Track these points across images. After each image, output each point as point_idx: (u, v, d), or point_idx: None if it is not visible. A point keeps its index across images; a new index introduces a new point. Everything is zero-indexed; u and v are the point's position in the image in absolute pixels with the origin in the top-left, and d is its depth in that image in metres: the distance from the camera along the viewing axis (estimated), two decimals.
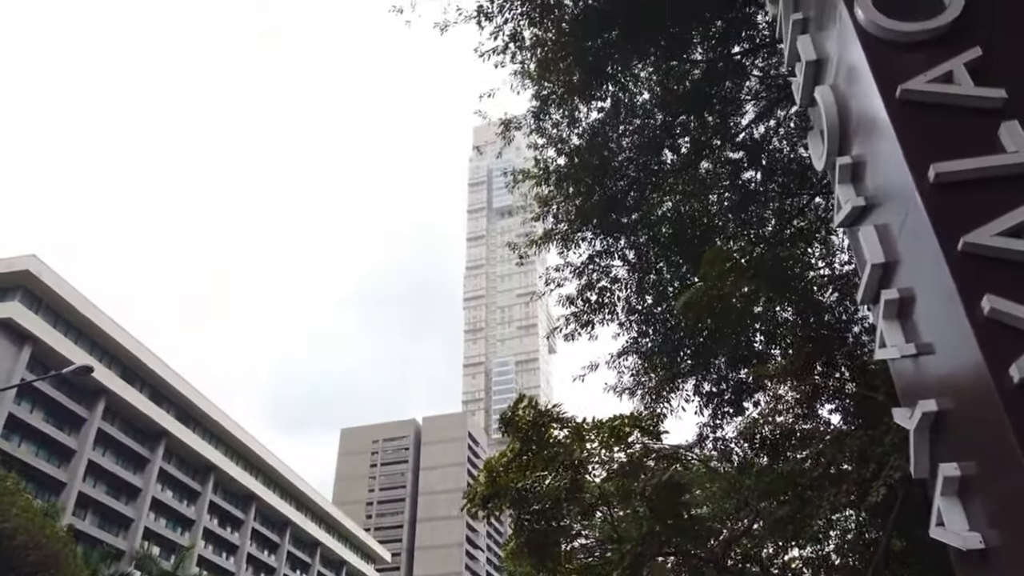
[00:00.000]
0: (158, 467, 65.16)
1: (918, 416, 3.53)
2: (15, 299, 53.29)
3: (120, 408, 61.48)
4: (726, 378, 13.08)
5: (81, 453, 57.00)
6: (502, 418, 11.92)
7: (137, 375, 63.61)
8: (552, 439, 11.53)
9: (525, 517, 11.82)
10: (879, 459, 8.62)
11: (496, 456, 12.03)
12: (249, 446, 77.70)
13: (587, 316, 13.39)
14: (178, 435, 67.08)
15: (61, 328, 56.31)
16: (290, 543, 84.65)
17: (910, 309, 3.74)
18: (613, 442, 11.50)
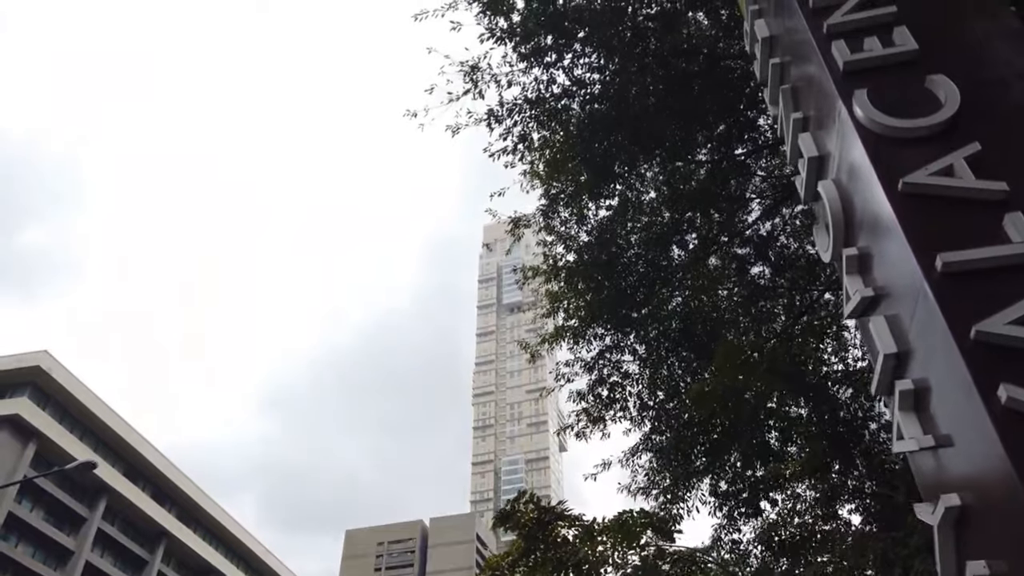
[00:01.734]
0: (156, 570, 63.17)
1: (941, 512, 3.42)
2: (24, 395, 53.25)
3: (121, 507, 60.22)
4: (741, 476, 12.76)
5: (79, 554, 55.47)
6: (500, 512, 11.60)
7: (141, 473, 62.67)
8: (560, 538, 11.17)
9: None
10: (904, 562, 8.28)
11: (499, 555, 11.62)
12: (250, 547, 75.51)
13: (598, 412, 13.26)
14: (178, 535, 65.36)
15: (67, 424, 55.99)
16: None
17: (926, 400, 3.69)
18: (625, 543, 11.11)
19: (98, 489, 57.36)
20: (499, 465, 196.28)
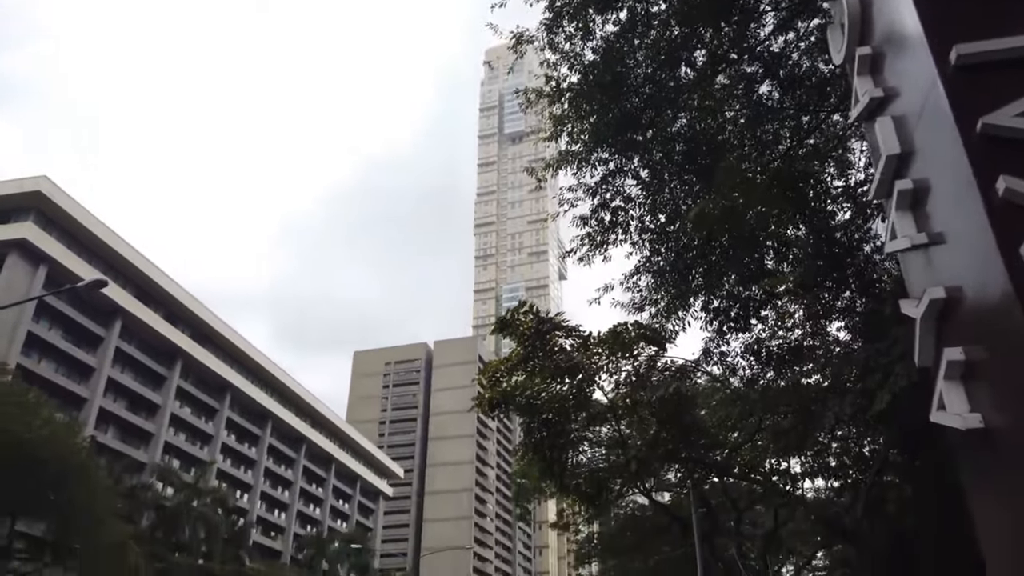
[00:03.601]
0: (175, 385, 66.73)
1: (925, 304, 3.59)
2: (28, 219, 53.61)
3: (136, 328, 62.55)
4: (735, 295, 13.15)
5: (100, 370, 58.36)
6: (500, 320, 11.98)
7: (152, 296, 64.43)
8: (557, 347, 11.67)
9: (533, 424, 12.13)
10: (885, 369, 8.75)
11: (499, 360, 12.18)
12: (264, 366, 79.26)
13: (601, 236, 13.39)
14: (194, 354, 68.42)
15: (75, 249, 56.78)
16: (306, 458, 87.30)
17: (924, 199, 3.75)
18: (619, 353, 11.65)
19: (112, 311, 59.29)
20: (500, 292, 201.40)
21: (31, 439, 23.80)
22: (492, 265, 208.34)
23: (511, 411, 12.28)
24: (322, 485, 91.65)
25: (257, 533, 71.22)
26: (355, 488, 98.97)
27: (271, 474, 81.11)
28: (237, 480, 73.38)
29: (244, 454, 77.04)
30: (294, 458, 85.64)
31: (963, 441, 3.50)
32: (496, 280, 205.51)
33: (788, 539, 20.75)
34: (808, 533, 19.96)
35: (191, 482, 56.04)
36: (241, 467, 76.19)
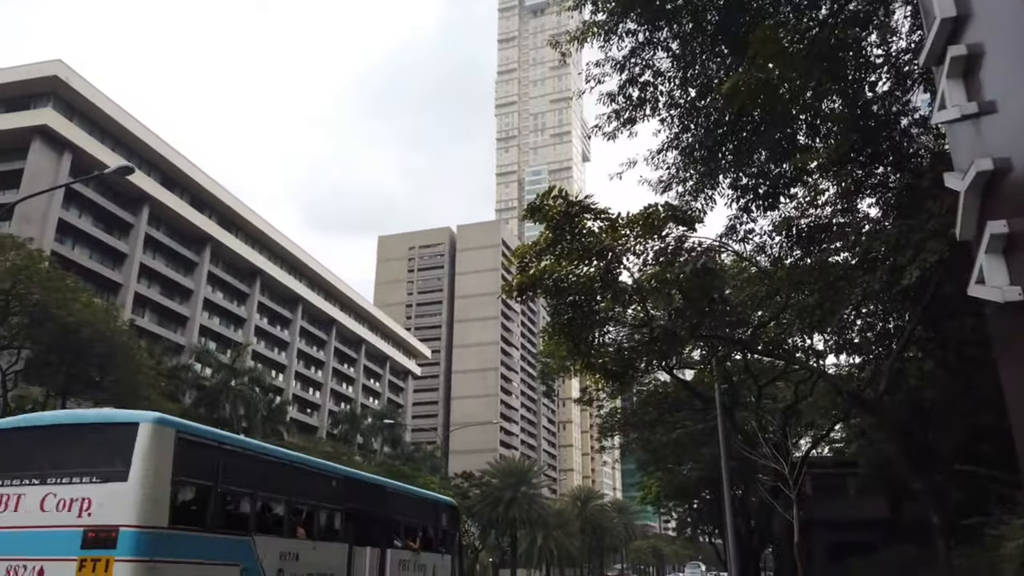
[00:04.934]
0: (206, 270, 68.06)
1: (972, 175, 3.51)
2: (47, 106, 53.22)
3: (164, 214, 63.18)
4: (765, 172, 12.89)
5: (132, 256, 59.52)
6: (530, 206, 11.92)
7: (177, 182, 64.63)
8: (586, 230, 11.64)
9: (560, 306, 12.30)
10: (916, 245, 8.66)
11: (527, 245, 12.21)
12: (292, 251, 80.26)
13: (628, 112, 13.00)
14: (222, 240, 69.31)
15: (97, 136, 56.60)
16: (337, 340, 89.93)
17: (977, 66, 3.60)
18: (647, 234, 11.61)
19: (139, 197, 59.76)
20: (522, 175, 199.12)
21: (74, 322, 24.61)
22: (514, 147, 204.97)
23: (539, 294, 12.41)
24: (353, 365, 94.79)
25: (294, 410, 74.45)
26: (385, 368, 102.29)
27: (304, 355, 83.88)
28: (272, 361, 76.05)
29: (277, 336, 79.47)
30: (325, 340, 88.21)
31: (999, 314, 3.51)
32: (518, 163, 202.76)
33: (807, 412, 21.31)
34: (828, 407, 20.46)
35: (228, 363, 58.21)
36: (275, 348, 78.78)
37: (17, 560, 8.23)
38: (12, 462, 9.21)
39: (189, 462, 9.23)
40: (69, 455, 9.09)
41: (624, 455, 39.08)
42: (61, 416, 11.11)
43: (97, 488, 8.50)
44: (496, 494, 61.07)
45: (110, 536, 8.11)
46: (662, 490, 38.98)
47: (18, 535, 8.42)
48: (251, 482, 10.48)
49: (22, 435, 9.75)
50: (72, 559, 8.07)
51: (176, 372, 51.22)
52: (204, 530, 9.31)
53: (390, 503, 14.89)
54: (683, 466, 29.14)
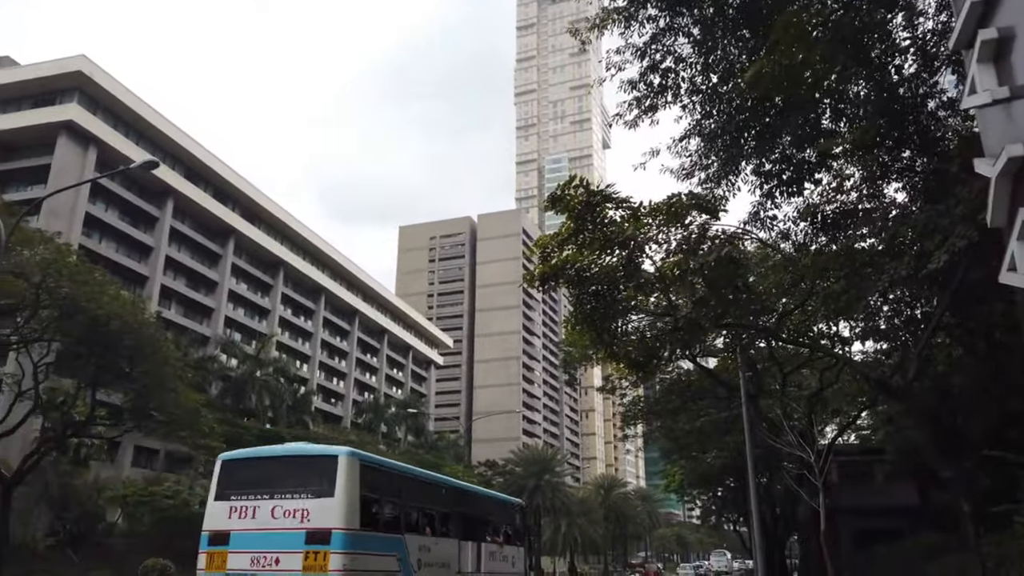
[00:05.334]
0: (230, 262, 68.76)
1: (1003, 161, 3.46)
2: (73, 101, 53.91)
3: (188, 207, 63.85)
4: (789, 158, 12.75)
5: (158, 249, 60.28)
6: (551, 196, 11.90)
7: (200, 175, 65.26)
8: (608, 219, 11.60)
9: (583, 295, 12.30)
10: (944, 230, 8.53)
11: (549, 235, 12.20)
12: (314, 242, 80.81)
13: (650, 100, 12.90)
14: (246, 232, 69.95)
15: (122, 130, 57.25)
16: (360, 330, 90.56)
17: (1008, 49, 3.54)
18: (670, 222, 11.55)
19: (163, 191, 60.46)
20: (542, 164, 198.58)
21: (103, 315, 24.97)
22: (534, 135, 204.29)
23: (562, 284, 12.39)
24: (376, 355, 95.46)
25: (318, 400, 75.22)
26: (407, 357, 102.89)
27: (327, 345, 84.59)
28: (296, 351, 76.79)
29: (300, 327, 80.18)
30: (348, 330, 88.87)
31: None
32: (538, 151, 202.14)
33: (833, 399, 21.13)
34: (854, 394, 20.27)
35: (253, 353, 58.91)
36: (299, 339, 79.51)
37: (259, 552, 11.75)
38: (248, 483, 12.70)
39: (368, 482, 12.59)
40: (290, 478, 12.53)
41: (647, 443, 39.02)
42: (282, 449, 14.88)
43: (312, 502, 11.94)
44: (519, 482, 61.39)
45: (326, 535, 11.45)
46: (686, 478, 38.93)
47: (256, 535, 11.90)
48: (401, 494, 13.96)
49: (254, 463, 13.43)
50: (299, 552, 11.52)
51: (203, 363, 51.95)
52: (377, 530, 12.72)
53: (482, 506, 18.97)
54: (707, 454, 29.06)
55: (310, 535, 11.59)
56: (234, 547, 12.03)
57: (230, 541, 12.13)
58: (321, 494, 11.98)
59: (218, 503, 12.77)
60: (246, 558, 11.84)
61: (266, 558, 11.68)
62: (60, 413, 32.27)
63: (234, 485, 12.86)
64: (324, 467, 12.42)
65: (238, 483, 12.84)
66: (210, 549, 12.39)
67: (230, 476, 13.13)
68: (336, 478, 12.00)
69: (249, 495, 12.39)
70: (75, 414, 31.77)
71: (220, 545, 12.25)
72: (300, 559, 11.47)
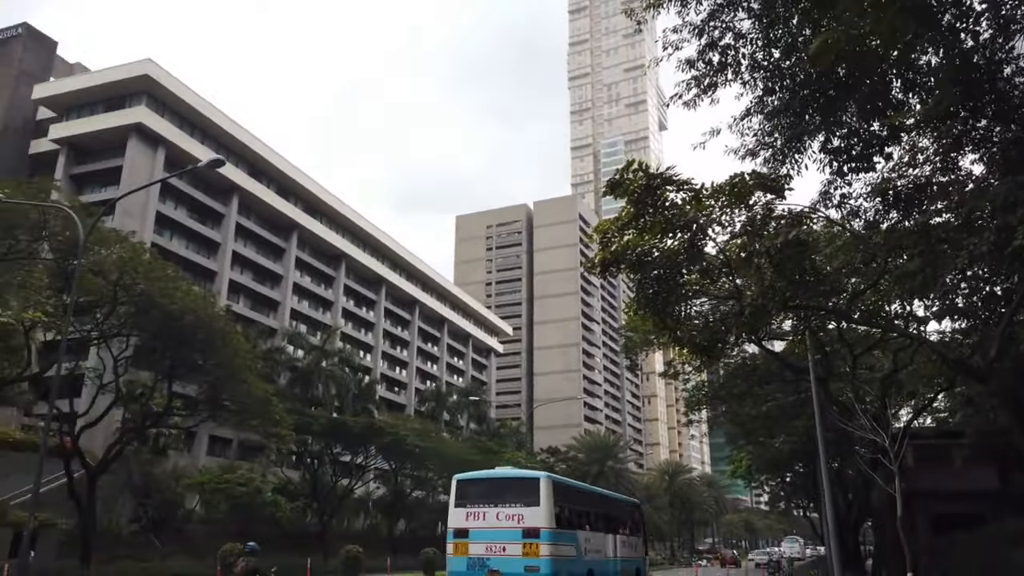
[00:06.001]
0: (294, 255, 70.48)
1: None
2: (141, 104, 55.87)
3: (252, 203, 65.66)
4: (857, 132, 12.29)
5: (225, 244, 62.19)
6: (610, 182, 11.72)
7: (263, 172, 66.96)
8: (668, 202, 11.38)
9: (645, 280, 12.13)
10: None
11: (609, 220, 12.04)
12: (373, 234, 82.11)
13: (709, 79, 12.57)
14: (308, 226, 71.56)
15: (187, 130, 59.13)
16: (420, 320, 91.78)
17: None
18: (733, 203, 11.27)
19: (228, 188, 62.29)
20: (598, 148, 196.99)
21: (176, 310, 25.88)
22: (588, 119, 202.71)
23: (622, 270, 12.23)
24: (436, 344, 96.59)
25: (382, 389, 76.59)
26: (467, 346, 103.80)
27: (389, 335, 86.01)
28: (359, 341, 78.33)
29: (363, 317, 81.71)
30: (409, 320, 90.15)
31: None
32: (593, 135, 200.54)
33: (908, 381, 20.45)
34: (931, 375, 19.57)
35: (318, 344, 60.29)
36: (361, 329, 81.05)
37: (490, 543, 17.14)
38: (476, 496, 18.13)
39: (558, 495, 18.09)
40: (508, 493, 17.99)
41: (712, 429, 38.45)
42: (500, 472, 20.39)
43: (524, 509, 17.36)
44: (582, 468, 61.45)
45: (536, 532, 16.82)
46: (753, 463, 38.27)
47: (487, 531, 17.31)
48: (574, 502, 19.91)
49: (481, 482, 18.95)
50: (518, 543, 16.96)
51: (271, 355, 53.34)
52: (564, 528, 17.98)
53: (617, 507, 25.30)
54: (775, 439, 28.50)
55: (525, 532, 16.98)
56: (472, 539, 17.41)
57: (469, 535, 17.51)
58: (530, 504, 17.38)
59: (457, 509, 18.22)
60: (482, 547, 17.23)
61: (496, 547, 17.09)
62: (139, 405, 33.69)
63: (467, 497, 18.28)
64: (530, 485, 17.93)
65: (470, 496, 18.25)
66: (455, 540, 17.79)
67: (463, 490, 18.51)
68: (540, 493, 17.44)
69: (479, 504, 17.82)
70: (153, 405, 33.10)
71: (462, 538, 17.63)
72: (520, 547, 16.92)
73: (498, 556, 16.89)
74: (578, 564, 18.63)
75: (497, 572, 16.67)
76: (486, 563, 16.93)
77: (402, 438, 45.29)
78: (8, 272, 23.38)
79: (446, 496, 60.30)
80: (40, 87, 59.62)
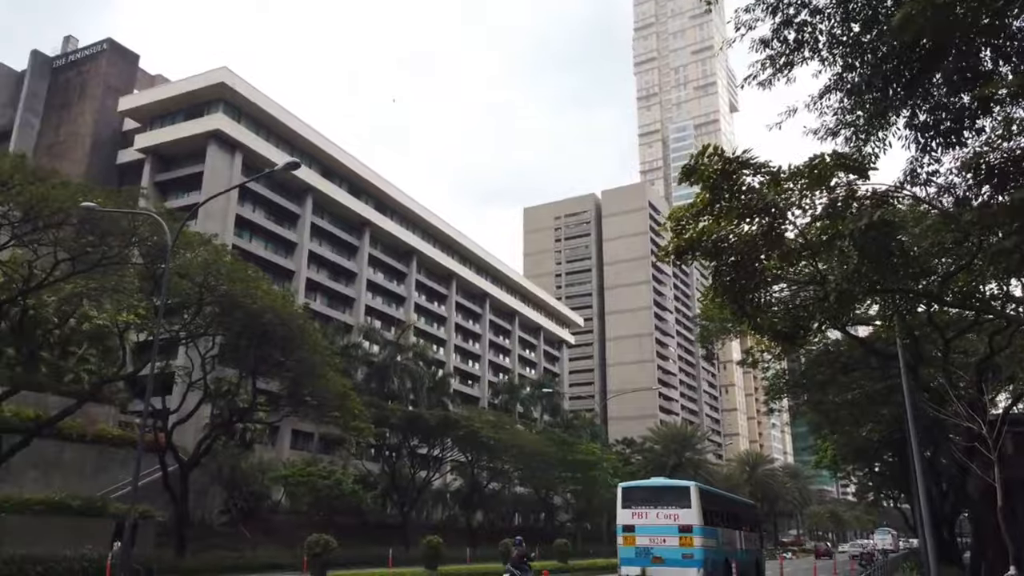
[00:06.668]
0: (367, 253, 71.96)
1: None
2: (218, 111, 57.93)
3: (326, 203, 67.33)
4: (945, 106, 11.65)
5: (301, 244, 63.99)
6: (684, 168, 11.43)
7: (335, 172, 68.56)
8: (745, 187, 11.03)
9: (721, 267, 11.82)
10: None
11: (683, 207, 11.76)
12: (443, 229, 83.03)
13: (785, 57, 12.11)
14: (380, 224, 72.94)
15: (263, 135, 61.02)
16: (490, 313, 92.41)
17: None
18: (814, 185, 10.85)
19: (303, 190, 64.03)
20: (666, 133, 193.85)
21: (258, 309, 26.77)
22: (656, 105, 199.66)
23: (697, 257, 11.94)
24: (508, 337, 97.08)
25: (455, 382, 77.51)
26: (539, 338, 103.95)
27: (461, 329, 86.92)
28: (431, 336, 79.42)
29: (435, 312, 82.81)
30: (480, 313, 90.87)
31: None
32: (661, 120, 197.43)
33: (1006, 365, 19.39)
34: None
35: (393, 340, 61.49)
36: (433, 324, 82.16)
37: (653, 536, 21.29)
38: (639, 499, 22.32)
39: (703, 498, 22.16)
40: (664, 497, 22.13)
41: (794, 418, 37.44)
42: (658, 482, 25.27)
43: (679, 510, 21.40)
44: (659, 459, 60.83)
45: (690, 528, 20.84)
46: (838, 453, 37.08)
47: (650, 527, 21.50)
48: (713, 504, 23.66)
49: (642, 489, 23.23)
50: (676, 536, 20.99)
51: (347, 350, 54.70)
52: (708, 525, 21.81)
53: (740, 508, 29.28)
54: (861, 428, 27.49)
55: (681, 528, 21.08)
56: (638, 533, 21.66)
57: (635, 530, 21.79)
58: (683, 506, 21.50)
59: (624, 510, 22.39)
60: (646, 539, 21.46)
61: (657, 539, 21.32)
62: (226, 401, 35.09)
63: (631, 500, 22.45)
64: (683, 491, 22.20)
65: (633, 499, 22.43)
66: (624, 534, 22.07)
67: (628, 495, 22.73)
68: (691, 498, 21.62)
69: (641, 506, 22.08)
70: (239, 401, 34.40)
71: (629, 532, 21.94)
72: (677, 540, 21.00)
73: (659, 546, 21.17)
74: (719, 553, 22.52)
75: (660, 558, 21.01)
76: (650, 551, 21.23)
77: (477, 430, 45.77)
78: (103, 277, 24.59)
79: (523, 488, 61.27)
80: (125, 99, 62.53)
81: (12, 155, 23.71)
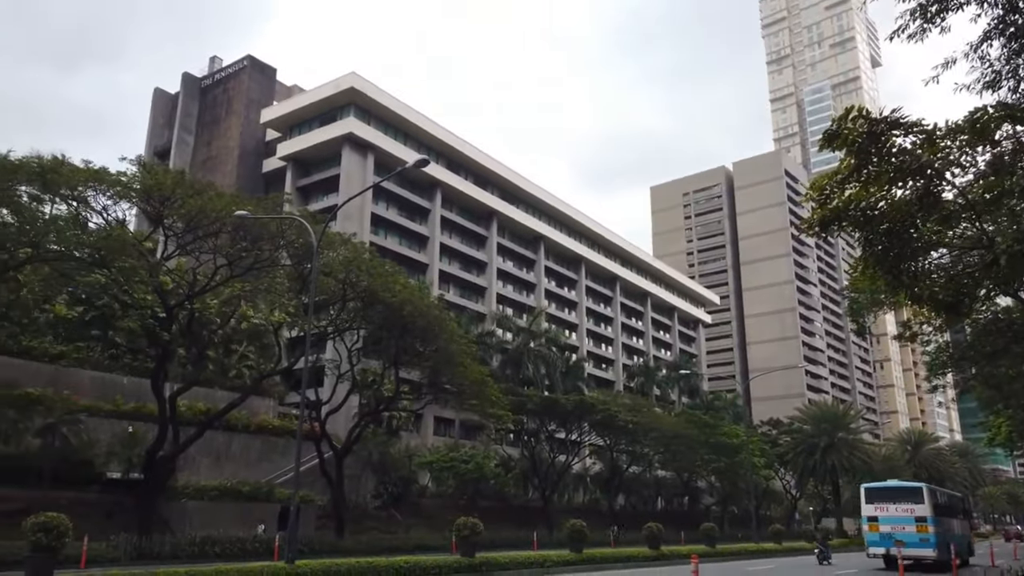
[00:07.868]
0: (495, 242, 73.07)
1: None
2: (350, 115, 60.54)
3: (453, 196, 68.93)
4: None
5: (433, 238, 65.90)
6: (826, 133, 10.65)
7: (461, 165, 70.00)
8: (896, 148, 10.16)
9: (872, 236, 11.01)
10: None
11: (826, 175, 10.98)
12: (569, 214, 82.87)
13: (938, 4, 11.00)
14: (506, 213, 73.83)
15: (391, 134, 63.22)
16: (621, 295, 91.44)
17: None
18: (975, 141, 9.86)
19: (431, 184, 65.84)
20: (801, 96, 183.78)
21: (397, 302, 27.82)
22: (788, 67, 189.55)
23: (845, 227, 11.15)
24: (640, 319, 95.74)
25: (589, 366, 77.39)
26: (673, 318, 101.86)
27: (592, 313, 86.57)
28: (563, 320, 79.65)
29: (565, 297, 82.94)
30: (611, 296, 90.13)
31: None
32: (794, 83, 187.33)
33: None
34: None
35: (525, 326, 62.18)
36: (564, 309, 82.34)
37: (894, 525, 26.15)
38: (879, 497, 27.48)
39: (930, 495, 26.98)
40: (901, 495, 27.41)
41: (961, 393, 34.57)
42: (894, 484, 29.98)
43: (914, 505, 26.31)
44: (809, 441, 57.96)
45: (924, 518, 26.09)
46: (1014, 429, 33.94)
47: (891, 518, 26.46)
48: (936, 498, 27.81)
49: (881, 490, 28.18)
50: (913, 524, 25.89)
51: (482, 338, 55.85)
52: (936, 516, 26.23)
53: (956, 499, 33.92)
54: None
55: (917, 519, 25.75)
56: (881, 523, 26.46)
57: (878, 520, 26.54)
58: (917, 502, 26.29)
59: (868, 504, 27.17)
60: (888, 527, 26.17)
61: (898, 526, 25.94)
62: (372, 390, 36.78)
63: (872, 498, 27.38)
64: (916, 490, 27.37)
65: (874, 496, 27.43)
66: (869, 523, 26.97)
67: (870, 494, 27.64)
68: (923, 495, 26.55)
69: (882, 502, 27.04)
70: (384, 391, 35.94)
71: (874, 522, 26.69)
72: (914, 527, 25.64)
73: (900, 532, 25.88)
74: (944, 538, 26.59)
75: (901, 542, 25.25)
76: (892, 535, 25.92)
77: (614, 414, 45.50)
78: (257, 279, 26.36)
79: (664, 472, 60.38)
80: (266, 111, 66.61)
81: (173, 172, 25.84)
